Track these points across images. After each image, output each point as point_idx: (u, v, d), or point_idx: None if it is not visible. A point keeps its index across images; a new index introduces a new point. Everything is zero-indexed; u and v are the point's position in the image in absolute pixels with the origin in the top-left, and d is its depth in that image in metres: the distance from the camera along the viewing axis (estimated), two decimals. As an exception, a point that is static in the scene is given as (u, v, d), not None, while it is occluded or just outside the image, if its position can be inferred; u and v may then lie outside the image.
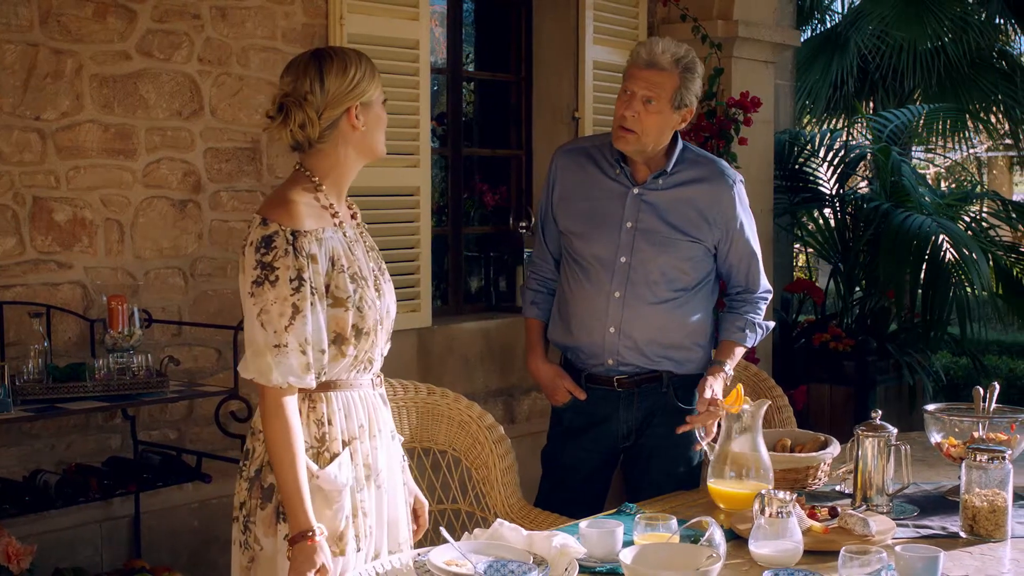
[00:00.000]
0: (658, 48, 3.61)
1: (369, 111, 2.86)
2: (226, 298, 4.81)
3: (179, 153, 4.66)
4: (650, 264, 3.71)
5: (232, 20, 4.79)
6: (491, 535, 2.82)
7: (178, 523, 4.67)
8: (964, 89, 10.30)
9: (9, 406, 3.70)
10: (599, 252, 3.74)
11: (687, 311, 3.75)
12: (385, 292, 2.91)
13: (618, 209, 3.73)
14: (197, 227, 4.73)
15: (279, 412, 2.68)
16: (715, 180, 3.76)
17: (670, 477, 3.78)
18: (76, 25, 4.36)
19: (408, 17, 5.32)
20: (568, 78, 6.25)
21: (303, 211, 2.74)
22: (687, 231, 3.72)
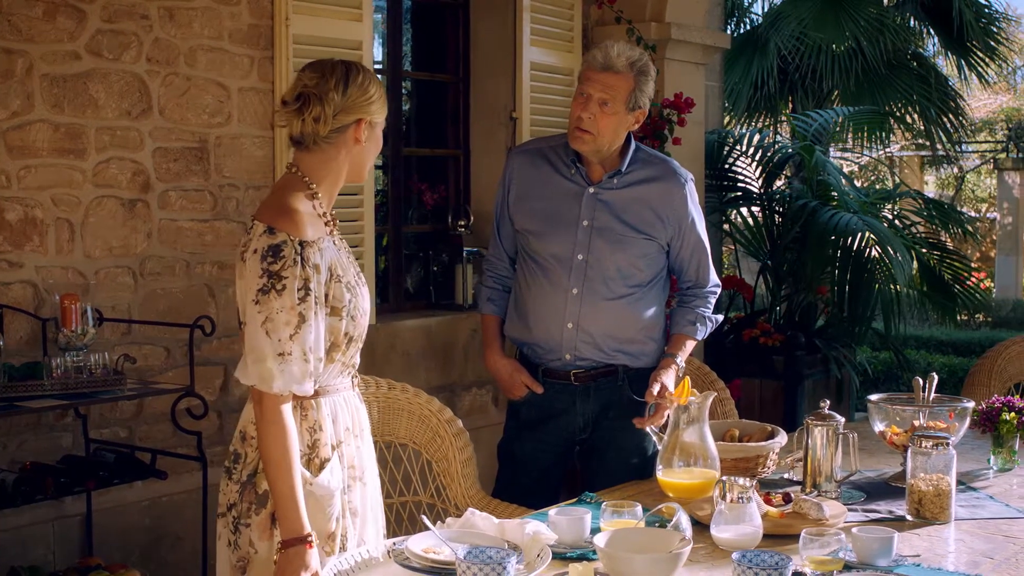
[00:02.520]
0: (613, 52, 3.72)
1: (372, 131, 2.93)
2: (175, 297, 4.85)
3: (128, 153, 4.69)
4: (606, 261, 3.81)
5: (179, 21, 4.82)
6: (463, 523, 2.90)
7: (129, 521, 4.70)
8: (881, 90, 10.55)
9: (-33, 404, 3.71)
10: (556, 250, 3.84)
11: (642, 306, 3.87)
12: (365, 296, 2.98)
13: (574, 208, 3.83)
14: (146, 226, 4.75)
15: (277, 419, 2.73)
16: (668, 179, 3.89)
17: (626, 468, 3.89)
18: (27, 25, 4.37)
19: (351, 18, 5.38)
20: (505, 79, 6.34)
21: (306, 221, 2.79)
22: (642, 229, 3.83)
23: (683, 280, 4.02)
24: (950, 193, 21.29)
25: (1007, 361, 5.11)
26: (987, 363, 5.11)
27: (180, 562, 4.77)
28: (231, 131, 5.02)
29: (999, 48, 11.48)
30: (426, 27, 6.55)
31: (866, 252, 6.92)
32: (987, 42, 11.30)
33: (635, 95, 3.74)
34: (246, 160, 5.07)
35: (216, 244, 4.98)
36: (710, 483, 3.37)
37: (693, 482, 3.40)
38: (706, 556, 2.92)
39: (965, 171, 21.43)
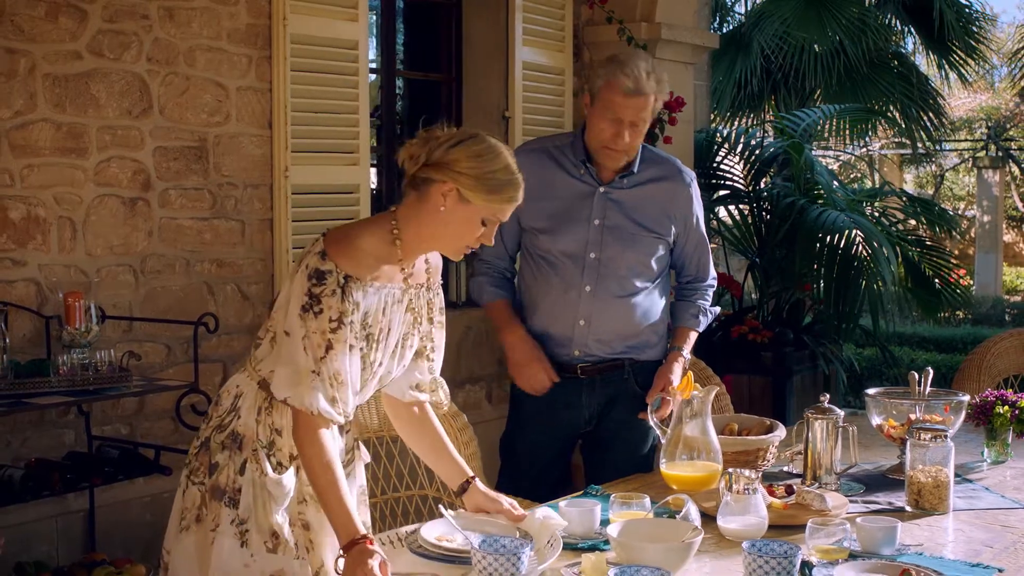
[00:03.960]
0: (642, 75, 3.75)
1: (460, 207, 2.81)
2: (175, 295, 4.89)
3: (129, 152, 4.72)
4: (619, 259, 3.91)
5: (179, 20, 4.86)
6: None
7: (131, 517, 4.73)
8: (863, 89, 10.62)
9: (-22, 402, 3.75)
10: (568, 248, 3.91)
11: (650, 302, 3.97)
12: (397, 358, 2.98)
13: (586, 207, 3.91)
14: (147, 225, 4.79)
15: (314, 440, 2.76)
16: (675, 178, 3.99)
17: (630, 460, 3.96)
18: (29, 25, 4.40)
19: (347, 18, 5.42)
20: (498, 78, 6.40)
21: (363, 259, 2.80)
22: (651, 227, 3.93)
23: (684, 274, 4.12)
24: (929, 191, 21.44)
25: (996, 356, 5.19)
26: (976, 358, 5.19)
27: (181, 558, 4.79)
28: (230, 130, 5.06)
29: (979, 47, 11.58)
30: (419, 26, 6.59)
31: (853, 249, 6.99)
32: (967, 41, 11.40)
33: (657, 106, 3.85)
34: (244, 159, 5.11)
35: (215, 242, 5.02)
36: (713, 476, 3.44)
37: (696, 475, 3.46)
38: (713, 546, 2.98)
39: (944, 169, 21.59)
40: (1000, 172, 18.66)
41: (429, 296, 3.02)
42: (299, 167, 5.24)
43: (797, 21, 10.10)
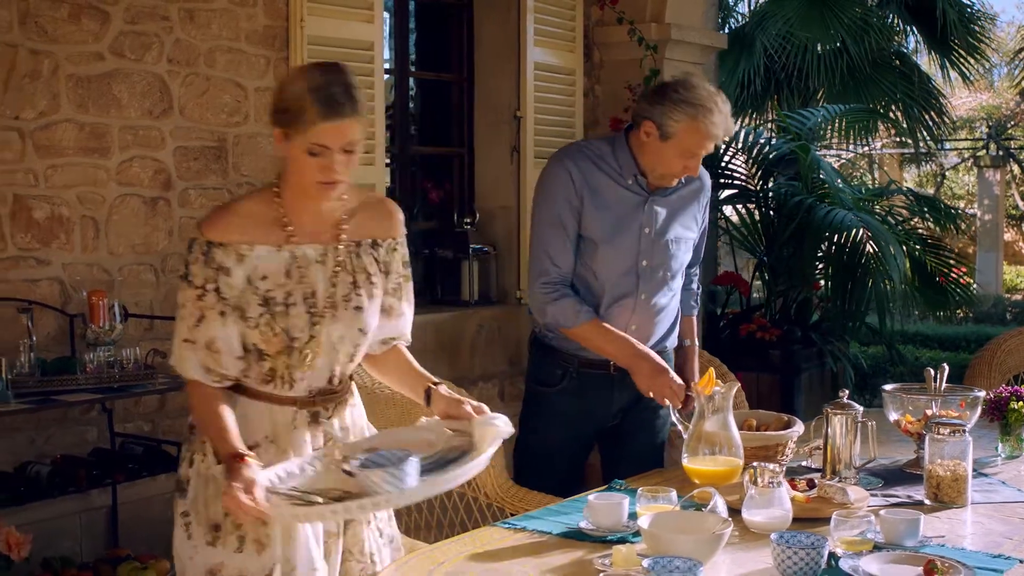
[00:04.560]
0: (727, 120, 3.74)
1: (287, 146, 2.77)
2: (196, 293, 4.93)
3: (150, 152, 4.78)
4: (667, 265, 3.99)
5: (199, 22, 4.92)
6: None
7: (154, 513, 4.77)
8: (866, 89, 10.69)
9: (9, 397, 3.80)
10: (622, 257, 3.92)
11: (677, 300, 4.11)
12: (330, 320, 2.87)
13: (637, 216, 3.91)
14: (167, 224, 4.84)
15: (192, 398, 2.86)
16: (701, 182, 4.08)
17: (648, 453, 4.03)
18: (52, 26, 4.46)
19: (363, 19, 5.48)
20: (509, 78, 6.45)
21: (234, 223, 2.80)
22: (689, 229, 4.04)
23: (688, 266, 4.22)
24: (930, 190, 21.50)
25: (1006, 354, 5.24)
26: (987, 355, 5.24)
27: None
28: (248, 130, 5.11)
29: (980, 46, 11.64)
30: (431, 27, 6.64)
31: (861, 248, 7.05)
32: (969, 41, 11.46)
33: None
34: (262, 159, 5.17)
35: (234, 241, 5.06)
36: (735, 470, 3.49)
37: (719, 469, 3.51)
38: (738, 538, 3.02)
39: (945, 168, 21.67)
40: (1001, 171, 18.73)
41: (381, 252, 2.96)
42: (316, 167, 5.28)
43: (800, 21, 10.16)
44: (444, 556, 2.88)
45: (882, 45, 10.84)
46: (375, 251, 2.95)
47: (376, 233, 2.95)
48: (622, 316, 3.95)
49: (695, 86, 3.79)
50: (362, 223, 2.93)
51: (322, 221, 2.87)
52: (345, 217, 2.90)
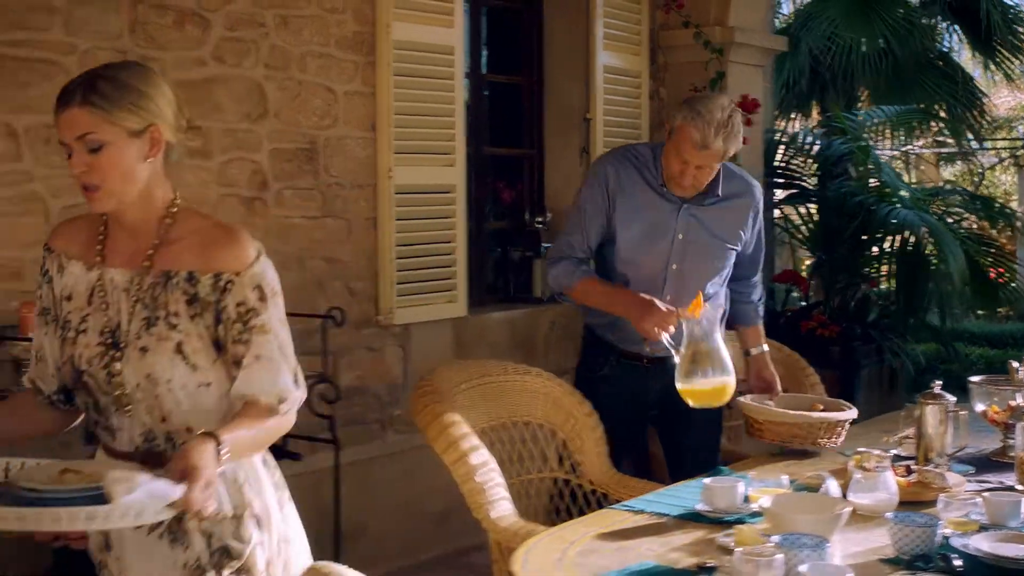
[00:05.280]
0: (711, 133, 3.87)
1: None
2: (287, 291, 5.04)
3: (248, 154, 4.96)
4: (698, 270, 4.15)
5: (293, 28, 5.10)
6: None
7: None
8: (909, 90, 10.79)
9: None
10: (651, 260, 4.12)
11: (715, 301, 4.21)
12: (125, 359, 2.47)
13: (670, 222, 4.10)
14: (264, 223, 5.02)
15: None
16: (747, 193, 4.23)
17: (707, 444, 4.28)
18: (159, 33, 4.64)
19: (444, 24, 5.66)
20: (579, 81, 6.61)
21: (67, 231, 2.62)
22: (727, 240, 4.19)
23: (743, 270, 4.35)
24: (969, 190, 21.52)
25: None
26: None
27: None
28: (337, 133, 5.29)
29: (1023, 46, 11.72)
30: (502, 31, 6.81)
31: (922, 246, 7.19)
32: (1012, 41, 11.56)
33: (726, 154, 3.98)
34: (351, 160, 5.35)
35: (325, 240, 5.26)
36: (726, 387, 3.72)
37: (710, 388, 3.71)
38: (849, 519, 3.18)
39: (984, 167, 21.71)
40: (1040, 170, 18.75)
41: (201, 289, 2.47)
42: (401, 168, 5.47)
43: (844, 22, 10.26)
44: (573, 536, 3.04)
45: (926, 46, 10.94)
46: (191, 286, 2.45)
47: (196, 265, 2.46)
48: None
49: (710, 97, 4.05)
50: (180, 252, 2.48)
51: (139, 244, 2.51)
52: (157, 242, 2.49)
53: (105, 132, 2.39)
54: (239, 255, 2.48)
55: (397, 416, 5.63)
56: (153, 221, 2.50)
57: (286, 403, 2.51)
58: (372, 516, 5.34)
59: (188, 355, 2.45)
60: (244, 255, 2.48)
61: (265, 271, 2.52)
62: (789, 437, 3.92)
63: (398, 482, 5.59)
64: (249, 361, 2.46)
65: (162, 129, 2.44)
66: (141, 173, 2.45)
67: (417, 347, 5.71)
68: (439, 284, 5.73)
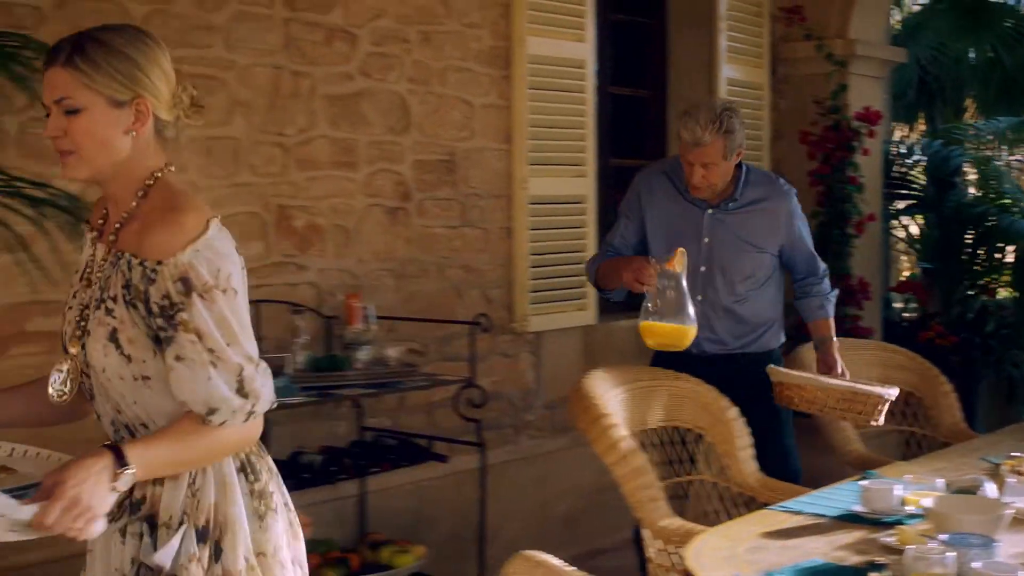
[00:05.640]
0: (698, 129, 4.19)
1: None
2: (431, 297, 5.28)
3: (392, 165, 5.12)
4: (725, 272, 4.38)
5: (434, 43, 5.26)
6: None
7: (395, 502, 5.11)
8: (1019, 100, 10.75)
9: (295, 391, 4.14)
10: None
11: (756, 305, 4.45)
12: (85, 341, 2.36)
13: (696, 227, 4.40)
14: (407, 232, 5.18)
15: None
16: (776, 198, 4.45)
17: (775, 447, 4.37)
18: (310, 49, 4.82)
19: (575, 38, 5.79)
20: (702, 93, 6.69)
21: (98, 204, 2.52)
22: (754, 242, 4.40)
23: (797, 273, 4.57)
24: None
25: None
26: None
27: (439, 542, 5.15)
28: (475, 145, 5.44)
29: None
30: (626, 45, 6.92)
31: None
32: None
33: (727, 148, 4.25)
34: (487, 172, 5.50)
35: (463, 249, 5.41)
36: (684, 332, 3.99)
37: (669, 328, 3.99)
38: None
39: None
40: None
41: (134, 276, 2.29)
42: (535, 179, 5.61)
43: (953, 32, 10.26)
44: (739, 534, 3.15)
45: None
46: (128, 270, 2.30)
47: (135, 248, 2.29)
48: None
49: (703, 101, 4.59)
50: (133, 231, 2.33)
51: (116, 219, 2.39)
52: (125, 215, 2.36)
53: (83, 97, 2.25)
54: (166, 241, 2.24)
55: (530, 421, 5.77)
56: (130, 196, 2.34)
57: (217, 414, 2.26)
58: (505, 518, 5.46)
59: (122, 344, 2.28)
60: (171, 242, 2.24)
61: (195, 262, 2.23)
62: (820, 406, 4.11)
63: (530, 485, 5.72)
64: (171, 362, 2.25)
65: (150, 103, 2.29)
66: (120, 144, 2.29)
67: (548, 354, 5.85)
68: (570, 292, 5.85)
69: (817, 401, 4.11)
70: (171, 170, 2.40)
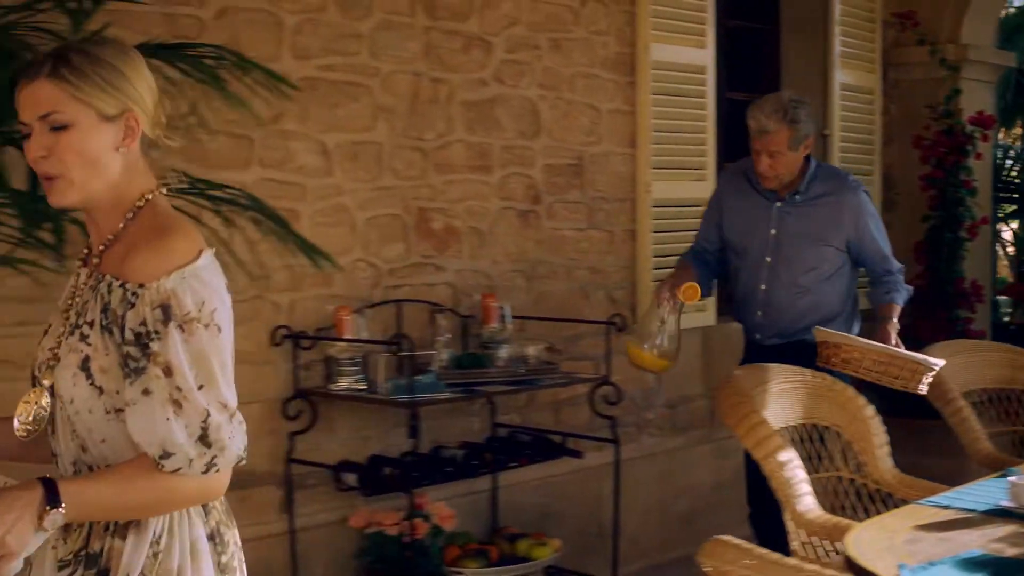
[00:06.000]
0: (762, 116, 4.44)
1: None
2: (560, 298, 5.42)
3: (523, 169, 5.27)
4: (790, 263, 4.59)
5: (563, 50, 5.40)
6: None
7: (523, 497, 5.25)
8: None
9: (442, 388, 4.31)
10: (751, 252, 4.65)
11: (821, 297, 4.61)
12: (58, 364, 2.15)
13: (765, 219, 4.63)
14: (537, 234, 5.33)
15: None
16: (842, 192, 4.61)
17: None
18: (449, 56, 4.97)
19: (696, 45, 5.91)
20: (816, 98, 6.77)
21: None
22: (820, 236, 4.58)
23: (870, 270, 4.69)
24: None
25: None
26: None
27: (565, 537, 5.27)
28: (601, 149, 5.58)
29: None
30: (741, 50, 7.02)
31: None
32: None
33: (794, 138, 4.45)
34: (612, 176, 5.63)
35: (590, 251, 5.55)
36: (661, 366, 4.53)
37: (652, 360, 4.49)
38: None
39: None
40: None
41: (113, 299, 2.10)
42: (658, 182, 5.74)
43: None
44: (893, 527, 3.25)
45: None
46: (109, 294, 2.11)
47: (117, 270, 2.12)
48: (750, 302, 4.70)
49: (776, 93, 4.69)
50: (116, 253, 2.16)
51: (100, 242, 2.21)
52: (111, 238, 2.18)
53: (72, 111, 2.07)
54: (151, 264, 2.06)
55: (650, 420, 5.89)
56: (117, 218, 2.16)
57: (171, 459, 2.03)
58: (626, 513, 5.57)
59: (93, 373, 2.08)
60: (156, 265, 2.06)
61: (178, 290, 2.05)
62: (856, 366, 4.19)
63: (650, 483, 5.84)
64: (135, 395, 2.04)
65: (139, 117, 2.13)
66: (111, 163, 2.12)
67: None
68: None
69: (853, 362, 4.20)
70: (163, 192, 2.22)
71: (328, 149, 4.62)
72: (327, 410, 4.56)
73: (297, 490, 4.52)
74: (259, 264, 4.05)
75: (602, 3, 5.57)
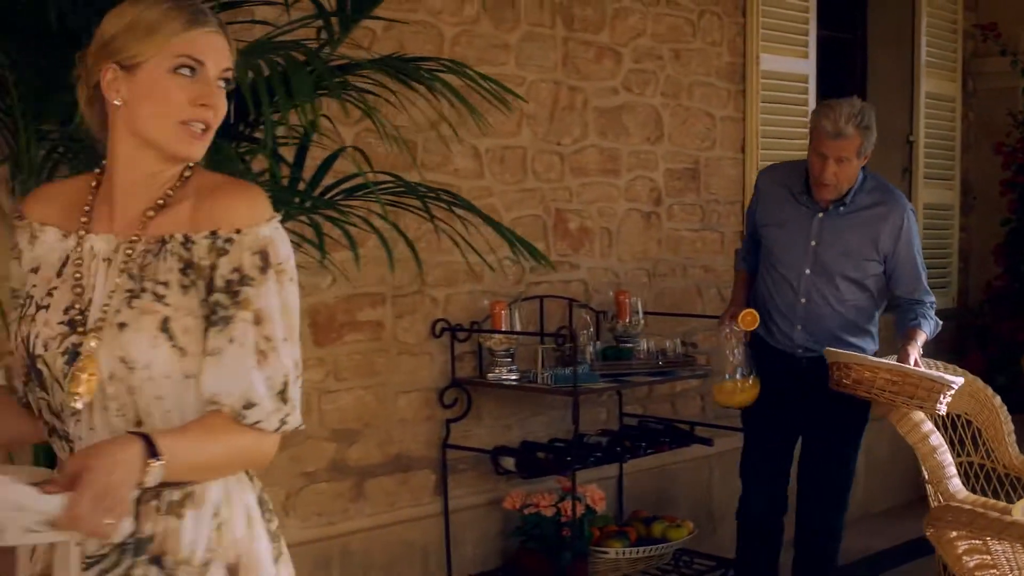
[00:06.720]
0: (841, 120, 4.27)
1: (135, 77, 1.96)
2: (679, 295, 5.72)
3: (647, 172, 5.57)
4: (828, 277, 4.47)
5: (683, 60, 5.70)
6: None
7: (655, 481, 5.55)
8: None
9: (596, 378, 4.61)
10: (790, 264, 4.52)
11: (858, 312, 4.51)
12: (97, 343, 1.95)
13: (806, 229, 4.48)
14: (658, 235, 5.63)
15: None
16: (887, 205, 4.45)
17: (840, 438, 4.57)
18: (583, 66, 5.27)
19: (799, 55, 6.21)
20: (901, 105, 7.09)
21: (43, 194, 2.16)
22: (861, 250, 4.44)
23: (898, 289, 4.51)
24: None
25: None
26: None
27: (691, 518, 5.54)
28: (716, 154, 5.87)
29: None
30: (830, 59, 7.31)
31: None
32: None
33: (863, 145, 4.33)
34: (724, 179, 5.93)
35: (704, 250, 5.85)
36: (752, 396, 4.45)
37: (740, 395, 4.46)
38: None
39: None
40: None
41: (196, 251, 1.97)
42: (765, 186, 6.04)
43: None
44: None
45: None
46: (186, 250, 1.97)
47: (194, 224, 1.99)
48: (788, 315, 4.54)
49: (845, 99, 4.46)
50: (181, 212, 2.01)
51: (136, 206, 2.03)
52: (161, 202, 2.02)
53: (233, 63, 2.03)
54: (246, 211, 1.97)
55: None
56: (162, 180, 2.02)
57: (253, 410, 1.94)
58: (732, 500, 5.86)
59: (176, 334, 1.93)
60: (252, 213, 1.97)
61: (276, 239, 1.98)
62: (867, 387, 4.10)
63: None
64: (220, 345, 1.93)
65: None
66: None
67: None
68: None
69: (864, 382, 4.11)
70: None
71: (480, 153, 4.91)
72: (478, 398, 4.85)
73: (450, 474, 4.82)
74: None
75: (717, 15, 5.87)
